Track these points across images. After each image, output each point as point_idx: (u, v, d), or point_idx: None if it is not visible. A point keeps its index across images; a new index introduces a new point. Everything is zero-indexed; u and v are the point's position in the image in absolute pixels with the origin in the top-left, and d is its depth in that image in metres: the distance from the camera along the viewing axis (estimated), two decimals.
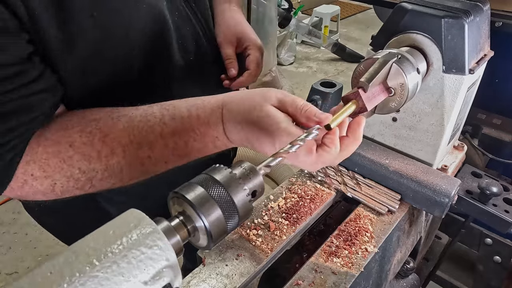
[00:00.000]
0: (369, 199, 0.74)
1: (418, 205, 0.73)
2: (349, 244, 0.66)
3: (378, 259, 0.67)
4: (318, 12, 4.37)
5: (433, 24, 0.66)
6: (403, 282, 0.89)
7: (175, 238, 0.37)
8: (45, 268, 0.29)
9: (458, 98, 0.70)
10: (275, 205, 0.73)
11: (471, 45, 0.67)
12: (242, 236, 0.66)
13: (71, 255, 0.30)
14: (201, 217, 0.38)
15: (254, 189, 0.43)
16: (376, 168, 0.75)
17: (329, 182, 0.78)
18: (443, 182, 0.70)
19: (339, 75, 4.01)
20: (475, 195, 0.80)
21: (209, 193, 0.39)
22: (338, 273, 0.61)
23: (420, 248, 0.91)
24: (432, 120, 0.74)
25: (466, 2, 0.71)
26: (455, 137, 0.86)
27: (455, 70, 0.67)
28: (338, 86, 0.80)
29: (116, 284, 0.30)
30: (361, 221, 0.71)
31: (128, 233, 0.33)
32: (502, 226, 0.77)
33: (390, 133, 0.81)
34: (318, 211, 0.73)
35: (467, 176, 0.86)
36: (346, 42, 4.54)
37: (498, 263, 0.98)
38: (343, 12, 5.29)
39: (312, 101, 0.79)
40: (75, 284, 0.28)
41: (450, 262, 1.19)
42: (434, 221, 0.97)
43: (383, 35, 0.73)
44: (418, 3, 0.69)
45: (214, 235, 0.39)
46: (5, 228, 2.25)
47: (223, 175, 0.41)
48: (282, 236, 0.66)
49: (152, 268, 0.32)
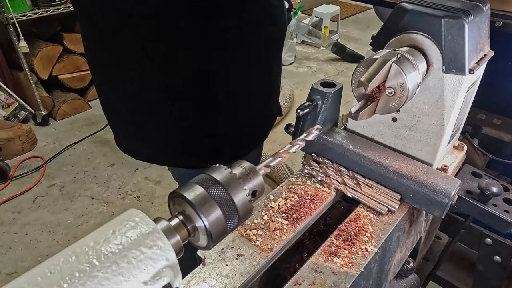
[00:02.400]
0: (369, 199, 0.74)
1: (418, 205, 0.73)
2: (349, 244, 0.66)
3: (378, 259, 0.67)
4: (318, 12, 4.37)
5: (433, 24, 0.66)
6: (403, 282, 0.89)
7: (175, 238, 0.37)
8: (45, 268, 0.29)
9: (458, 98, 0.70)
10: (275, 205, 0.73)
11: (471, 45, 0.67)
12: (242, 236, 0.66)
13: (71, 255, 0.30)
14: (201, 217, 0.38)
15: (254, 189, 0.43)
16: (376, 168, 0.75)
17: (329, 182, 0.78)
18: (443, 182, 0.70)
19: (339, 75, 4.01)
20: (475, 195, 0.80)
21: (209, 193, 0.39)
22: (338, 273, 0.61)
23: (420, 248, 0.91)
24: (432, 120, 0.74)
25: (466, 2, 0.71)
26: (455, 137, 0.86)
27: (455, 70, 0.67)
28: (338, 86, 0.80)
29: (116, 284, 0.30)
30: (361, 221, 0.71)
31: (128, 233, 0.33)
32: (502, 226, 0.77)
33: (390, 133, 0.81)
34: (318, 211, 0.73)
35: (467, 176, 0.86)
36: (346, 42, 4.54)
37: (498, 263, 0.98)
38: (343, 12, 5.29)
39: (312, 101, 0.79)
40: (75, 284, 0.28)
41: (450, 262, 1.19)
42: (434, 221, 0.97)
43: (383, 35, 0.73)
44: (418, 3, 0.69)
45: (214, 235, 0.39)
46: (5, 228, 2.25)
47: (223, 175, 0.41)
48: (282, 236, 0.66)
49: (152, 268, 0.32)
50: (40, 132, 3.06)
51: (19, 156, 2.79)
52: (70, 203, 2.44)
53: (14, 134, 2.73)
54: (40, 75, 3.08)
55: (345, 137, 0.81)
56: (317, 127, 0.60)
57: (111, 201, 2.45)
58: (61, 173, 2.68)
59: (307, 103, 0.79)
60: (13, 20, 2.64)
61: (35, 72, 3.04)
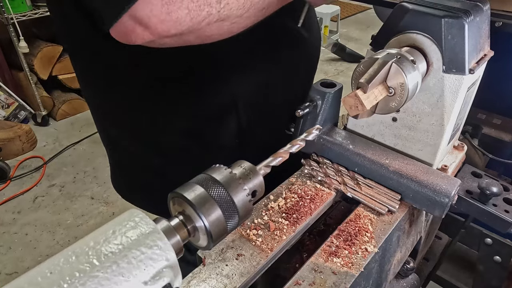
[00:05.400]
0: (369, 199, 0.74)
1: (418, 205, 0.73)
2: (349, 244, 0.66)
3: (378, 259, 0.67)
4: (318, 12, 4.36)
5: (433, 24, 0.66)
6: (403, 282, 0.89)
7: (175, 238, 0.37)
8: (45, 268, 0.29)
9: (458, 98, 0.70)
10: (275, 205, 0.73)
11: (471, 45, 0.67)
12: (242, 236, 0.66)
13: (71, 255, 0.30)
14: (201, 217, 0.38)
15: (254, 189, 0.43)
16: (376, 168, 0.75)
17: (329, 182, 0.78)
18: (443, 182, 0.70)
19: (339, 75, 4.01)
20: (475, 195, 0.80)
21: (209, 193, 0.39)
22: (338, 273, 0.61)
23: (420, 248, 0.91)
24: (432, 120, 0.74)
25: (466, 2, 0.71)
26: (455, 137, 0.86)
27: (455, 70, 0.67)
28: (338, 86, 0.80)
29: (116, 284, 0.30)
30: (361, 221, 0.71)
31: (128, 233, 0.33)
32: (502, 226, 0.77)
33: (390, 133, 0.81)
34: (318, 211, 0.73)
35: (467, 176, 0.86)
36: (346, 42, 4.54)
37: (498, 263, 0.98)
38: (343, 12, 5.28)
39: (312, 101, 0.79)
40: (75, 284, 0.28)
41: (450, 262, 1.19)
42: (434, 221, 0.97)
43: (383, 35, 0.73)
44: (418, 3, 0.69)
45: (214, 235, 0.39)
46: (5, 228, 2.25)
47: (223, 175, 0.41)
48: (282, 236, 0.66)
49: (152, 268, 0.32)
50: (40, 132, 3.06)
51: (19, 156, 2.79)
52: (70, 203, 2.44)
53: (14, 134, 2.73)
54: (40, 75, 3.08)
55: (345, 137, 0.81)
56: (317, 127, 0.61)
57: (111, 201, 2.45)
58: (61, 173, 2.69)
59: (307, 103, 0.79)
60: (13, 20, 2.64)
61: (35, 72, 3.04)
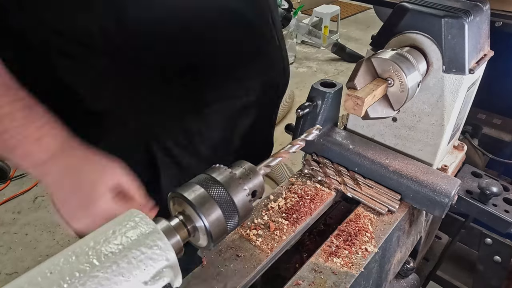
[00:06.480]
0: (369, 199, 0.74)
1: (418, 205, 0.73)
2: (349, 244, 0.66)
3: (378, 259, 0.67)
4: (318, 12, 4.37)
5: (433, 24, 0.66)
6: (403, 282, 0.89)
7: (175, 238, 0.37)
8: (45, 268, 0.29)
9: (458, 98, 0.70)
10: (275, 205, 0.73)
11: (471, 45, 0.67)
12: (242, 236, 0.66)
13: (71, 255, 0.30)
14: (201, 217, 0.38)
15: (254, 189, 0.43)
16: (376, 168, 0.75)
17: (329, 182, 0.78)
18: (443, 182, 0.70)
19: (339, 75, 4.01)
20: (475, 195, 0.80)
21: (209, 193, 0.39)
22: (338, 273, 0.61)
23: (420, 248, 0.91)
24: (432, 120, 0.74)
25: (466, 2, 0.71)
26: (455, 137, 0.86)
27: (455, 70, 0.67)
28: (338, 86, 0.80)
29: (116, 284, 0.30)
30: (361, 221, 0.71)
31: (128, 233, 0.33)
32: (502, 226, 0.77)
33: (390, 133, 0.81)
34: (318, 211, 0.73)
35: (467, 176, 0.86)
36: (346, 42, 4.54)
37: (498, 263, 0.98)
38: (343, 12, 5.28)
39: (312, 101, 0.79)
40: (75, 284, 0.28)
41: (450, 262, 1.19)
42: (434, 221, 0.97)
43: (383, 35, 0.73)
44: (418, 3, 0.69)
45: (214, 235, 0.39)
46: (5, 228, 2.25)
47: (223, 175, 0.41)
48: (282, 236, 0.66)
49: (152, 268, 0.32)
50: None
51: None
52: None
53: None
54: None
55: (345, 137, 0.81)
56: (317, 127, 0.61)
57: None
58: None
59: (307, 103, 0.79)
60: None
61: None
